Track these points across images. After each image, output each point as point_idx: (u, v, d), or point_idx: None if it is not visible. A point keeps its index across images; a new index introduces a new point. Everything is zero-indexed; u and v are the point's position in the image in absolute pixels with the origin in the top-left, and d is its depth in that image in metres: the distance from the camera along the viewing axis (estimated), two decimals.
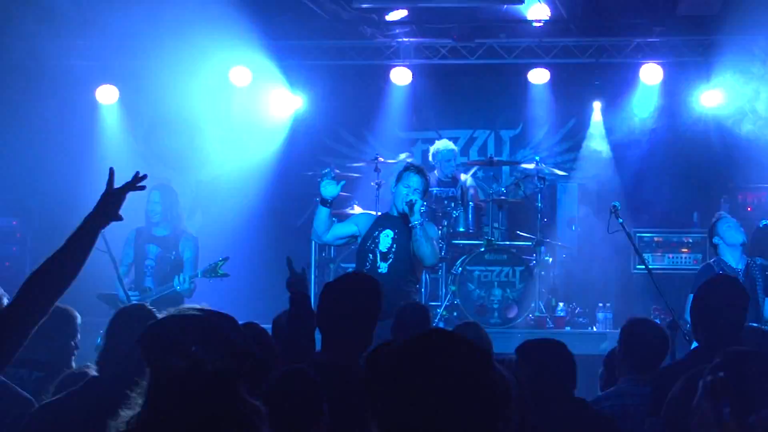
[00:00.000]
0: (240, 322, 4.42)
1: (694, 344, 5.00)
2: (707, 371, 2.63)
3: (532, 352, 4.21)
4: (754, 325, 6.96)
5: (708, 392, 2.58)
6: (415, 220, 7.51)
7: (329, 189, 7.65)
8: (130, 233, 9.11)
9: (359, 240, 7.82)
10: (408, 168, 7.77)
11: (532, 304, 9.87)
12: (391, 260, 7.65)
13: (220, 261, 8.80)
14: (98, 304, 8.35)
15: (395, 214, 7.77)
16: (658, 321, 5.87)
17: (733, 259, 8.55)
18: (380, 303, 4.13)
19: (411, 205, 7.54)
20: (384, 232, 7.71)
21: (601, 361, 5.69)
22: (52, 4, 9.96)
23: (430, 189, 10.31)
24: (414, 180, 7.66)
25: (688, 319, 5.66)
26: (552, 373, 4.21)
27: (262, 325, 4.41)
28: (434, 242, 7.66)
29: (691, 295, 8.45)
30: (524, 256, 10.15)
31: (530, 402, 3.15)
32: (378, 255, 7.68)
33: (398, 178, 7.77)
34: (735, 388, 2.52)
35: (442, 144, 10.92)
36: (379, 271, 7.56)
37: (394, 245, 7.68)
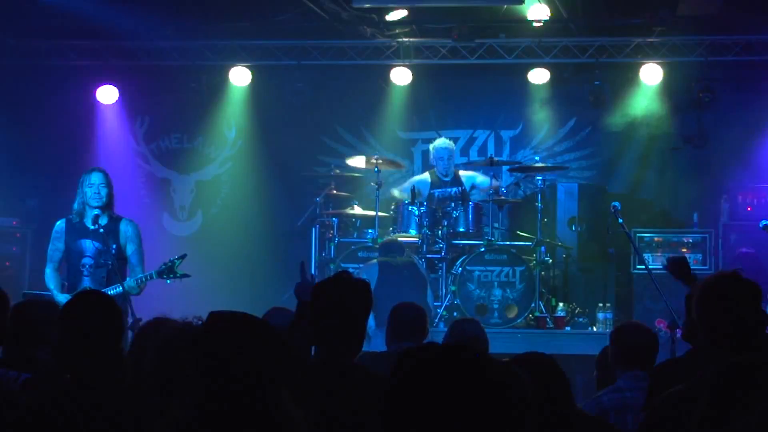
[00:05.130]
0: None
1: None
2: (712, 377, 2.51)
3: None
4: None
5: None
6: None
7: None
8: (59, 224, 8.04)
9: None
10: None
11: (532, 304, 9.86)
12: None
13: (177, 260, 7.71)
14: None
15: None
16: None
17: None
18: (370, 302, 4.11)
19: None
20: None
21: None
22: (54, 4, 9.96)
23: (432, 191, 10.32)
24: None
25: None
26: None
27: None
28: None
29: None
30: (524, 256, 10.14)
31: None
32: None
33: None
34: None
35: (436, 142, 10.97)
36: None
37: None
